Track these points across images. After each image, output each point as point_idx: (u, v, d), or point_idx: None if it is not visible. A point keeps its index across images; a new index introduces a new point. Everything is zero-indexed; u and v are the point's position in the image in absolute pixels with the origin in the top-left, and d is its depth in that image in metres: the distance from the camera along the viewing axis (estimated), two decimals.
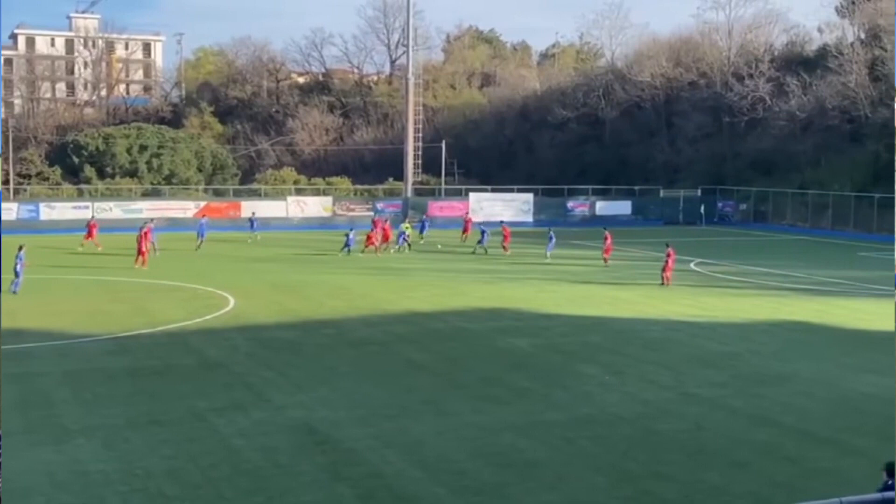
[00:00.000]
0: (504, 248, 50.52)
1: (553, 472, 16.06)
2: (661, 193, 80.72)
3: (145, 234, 43.84)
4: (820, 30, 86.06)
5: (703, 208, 76.65)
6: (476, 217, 71.77)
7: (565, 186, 78.75)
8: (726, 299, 36.09)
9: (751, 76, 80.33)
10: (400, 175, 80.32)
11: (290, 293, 36.17)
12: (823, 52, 78.32)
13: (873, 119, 69.32)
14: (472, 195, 74.89)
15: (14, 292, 33.45)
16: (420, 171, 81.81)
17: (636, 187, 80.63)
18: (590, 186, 79.45)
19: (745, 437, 18.16)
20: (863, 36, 76.62)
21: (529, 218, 73.76)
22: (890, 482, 11.18)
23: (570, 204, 77.31)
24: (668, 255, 39.79)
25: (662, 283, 39.33)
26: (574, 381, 22.44)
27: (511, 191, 76.71)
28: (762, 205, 77.71)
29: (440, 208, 73.06)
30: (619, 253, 50.18)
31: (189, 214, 66.03)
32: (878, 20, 72.73)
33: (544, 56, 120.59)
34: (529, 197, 75.91)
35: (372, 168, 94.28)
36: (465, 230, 55.09)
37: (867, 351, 26.53)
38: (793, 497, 8.60)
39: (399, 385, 21.85)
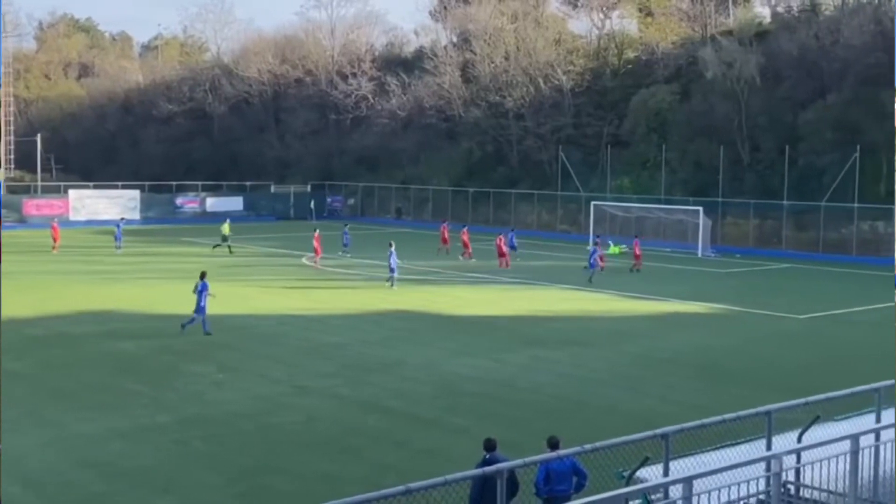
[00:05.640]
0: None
1: (165, 476, 15.62)
2: (273, 189, 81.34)
3: None
4: (416, 33, 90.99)
5: (313, 203, 78.08)
6: (78, 216, 68.38)
7: (174, 182, 76.86)
8: (336, 292, 37.05)
9: (354, 75, 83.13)
10: None
11: None
12: (420, 54, 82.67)
13: (466, 118, 74.28)
14: (72, 192, 70.82)
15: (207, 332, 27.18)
16: (12, 166, 76.11)
17: (247, 183, 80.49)
18: (199, 182, 78.15)
19: (355, 425, 18.74)
20: (455, 39, 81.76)
21: (137, 215, 71.15)
22: (488, 456, 12.01)
23: (179, 200, 75.54)
24: (500, 245, 45.80)
25: (500, 266, 44.57)
26: (185, 382, 21.96)
27: (116, 187, 73.58)
28: (368, 199, 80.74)
29: (37, 207, 68.32)
30: (232, 249, 49.88)
31: None
32: (468, 25, 77.90)
33: (147, 48, 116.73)
34: (136, 193, 73.26)
35: None
36: (316, 251, 45.96)
37: (463, 335, 28.40)
38: (402, 479, 8.98)
39: None
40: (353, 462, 16.46)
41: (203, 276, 28.17)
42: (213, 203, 76.50)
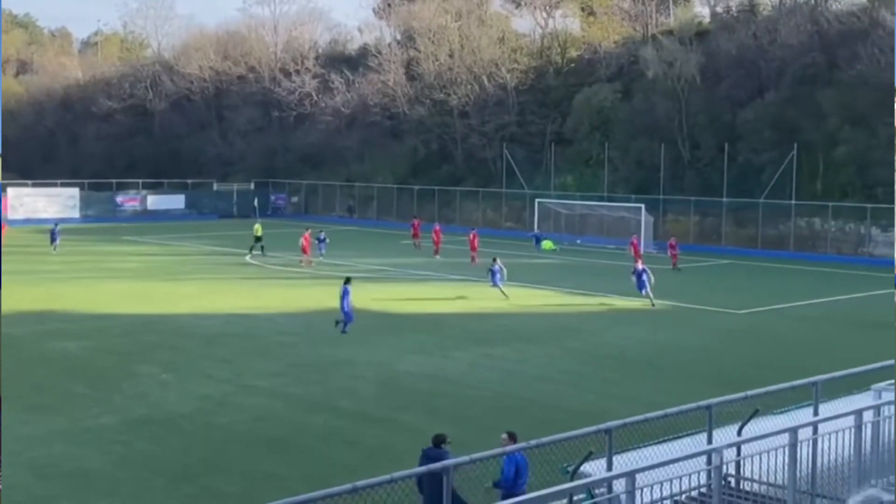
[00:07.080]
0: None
1: (108, 478, 15.49)
2: (215, 187, 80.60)
3: None
4: (360, 30, 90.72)
5: (256, 201, 77.44)
6: (16, 214, 67.40)
7: (114, 180, 75.88)
8: (282, 290, 36.87)
9: (297, 72, 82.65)
10: None
11: None
12: (364, 52, 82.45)
13: (410, 116, 74.27)
14: (10, 190, 69.65)
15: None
16: None
17: (189, 181, 79.67)
18: (140, 180, 77.22)
19: (304, 424, 18.72)
20: (399, 37, 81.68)
21: (76, 214, 70.12)
22: (426, 448, 12.10)
23: (119, 199, 74.63)
24: (473, 239, 46.47)
25: (473, 263, 44.81)
26: (129, 383, 21.76)
27: (55, 185, 72.48)
28: (313, 197, 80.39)
29: None
30: (174, 248, 49.43)
31: None
32: (412, 23, 77.82)
33: (86, 44, 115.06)
34: (75, 191, 72.22)
35: None
36: (304, 250, 45.80)
37: (412, 333, 28.47)
38: (351, 477, 9.04)
39: None
40: (302, 462, 16.46)
41: (347, 281, 28.55)
42: (154, 201, 75.71)
